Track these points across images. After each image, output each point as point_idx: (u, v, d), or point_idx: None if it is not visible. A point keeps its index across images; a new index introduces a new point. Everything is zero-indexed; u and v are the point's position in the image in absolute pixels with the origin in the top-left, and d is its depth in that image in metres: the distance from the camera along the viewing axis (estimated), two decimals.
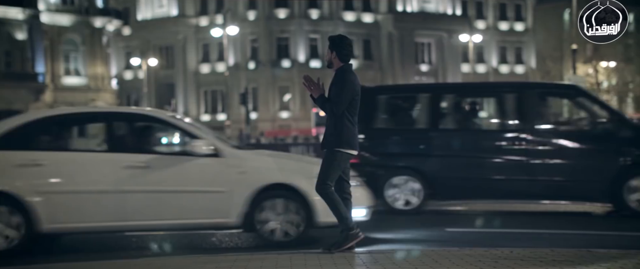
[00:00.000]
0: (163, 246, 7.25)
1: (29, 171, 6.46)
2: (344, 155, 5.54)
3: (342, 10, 60.47)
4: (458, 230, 8.12)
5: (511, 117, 9.56)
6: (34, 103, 47.08)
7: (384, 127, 10.02)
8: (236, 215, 6.54)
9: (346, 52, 5.63)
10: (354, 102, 5.54)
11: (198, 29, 60.52)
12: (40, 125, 7.03)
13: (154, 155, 6.82)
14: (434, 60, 64.92)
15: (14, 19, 45.50)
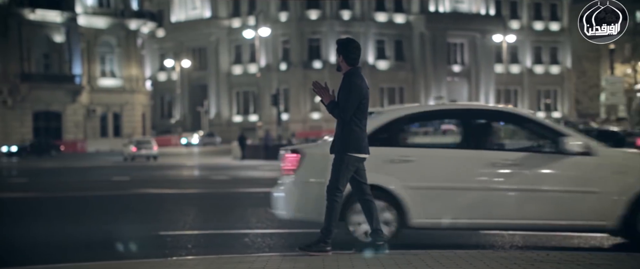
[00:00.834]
0: (196, 246, 7.33)
1: (399, 167, 6.44)
2: (352, 159, 5.53)
3: (374, 11, 60.29)
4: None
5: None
6: (70, 104, 48.12)
7: None
8: (614, 218, 6.19)
9: (354, 56, 5.59)
10: (362, 106, 5.53)
11: (230, 31, 61.03)
12: (406, 121, 7.03)
13: (521, 152, 6.57)
14: (467, 61, 64.24)
15: (52, 22, 46.55)
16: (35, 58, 46.68)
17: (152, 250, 6.86)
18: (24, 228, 8.58)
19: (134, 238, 7.72)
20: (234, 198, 12.88)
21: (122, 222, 9.33)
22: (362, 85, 5.54)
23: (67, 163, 31.01)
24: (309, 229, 8.12)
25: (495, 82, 63.99)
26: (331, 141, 5.72)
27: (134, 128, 51.66)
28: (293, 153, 6.70)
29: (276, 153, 32.34)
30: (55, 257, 6.52)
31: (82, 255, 6.73)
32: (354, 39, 5.77)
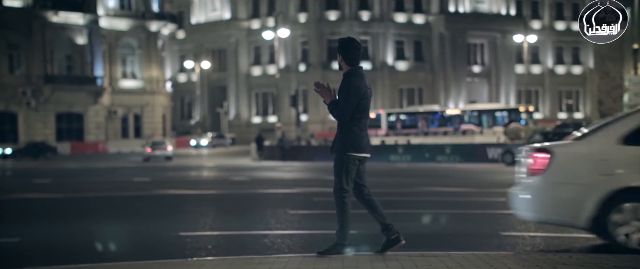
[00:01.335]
0: (216, 247, 7.36)
1: None
2: (352, 158, 5.53)
3: (393, 12, 60.12)
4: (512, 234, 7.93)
5: None
6: (92, 106, 48.68)
7: None
8: None
9: (353, 56, 5.56)
10: (361, 106, 5.51)
11: (250, 32, 61.27)
12: None
13: None
14: (487, 61, 63.75)
15: (75, 24, 47.13)
16: (58, 60, 47.29)
17: (172, 251, 6.91)
18: (47, 228, 8.70)
19: (155, 239, 7.78)
20: (253, 199, 12.92)
21: (143, 222, 9.41)
22: (361, 85, 5.52)
23: (89, 164, 31.37)
24: (328, 231, 8.14)
25: (515, 82, 63.42)
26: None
27: (154, 129, 52.10)
28: (541, 152, 6.28)
29: (292, 154, 32.50)
30: (78, 256, 6.60)
31: (104, 255, 6.80)
32: (354, 38, 5.72)
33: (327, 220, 9.46)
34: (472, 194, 13.32)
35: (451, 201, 11.91)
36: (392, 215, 9.93)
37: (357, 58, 5.59)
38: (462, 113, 52.34)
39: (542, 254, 5.65)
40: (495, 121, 50.68)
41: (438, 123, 51.28)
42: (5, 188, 16.13)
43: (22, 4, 45.09)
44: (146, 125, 52.08)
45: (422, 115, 51.35)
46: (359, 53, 5.60)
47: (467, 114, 51.94)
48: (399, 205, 11.29)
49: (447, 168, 24.57)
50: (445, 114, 52.04)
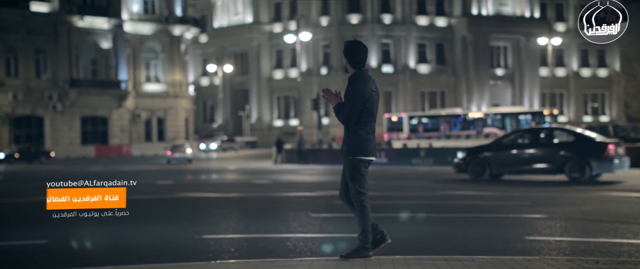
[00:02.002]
0: (239, 250, 7.39)
1: None
2: (361, 162, 5.55)
3: (415, 15, 59.90)
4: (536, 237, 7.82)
5: None
6: (116, 109, 49.27)
7: None
8: None
9: (359, 59, 5.59)
10: (366, 110, 5.53)
11: (272, 36, 61.52)
12: None
13: None
14: (511, 64, 63.17)
15: (100, 28, 47.78)
16: (83, 64, 47.96)
17: (195, 253, 6.95)
18: (74, 230, 8.81)
19: (178, 241, 7.84)
20: (275, 202, 12.95)
21: (166, 225, 9.48)
22: (365, 88, 5.54)
23: (113, 167, 31.75)
24: (350, 234, 8.12)
25: (539, 85, 62.73)
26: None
27: (177, 132, 52.54)
28: None
29: (313, 157, 32.49)
30: (103, 259, 6.67)
31: (128, 257, 6.87)
32: (361, 41, 5.73)
33: (349, 223, 9.43)
34: (495, 198, 13.18)
35: (474, 205, 11.80)
36: (414, 218, 9.88)
37: (363, 61, 5.62)
38: (485, 116, 51.90)
39: (568, 259, 5.57)
40: (518, 124, 50.17)
41: (460, 127, 50.91)
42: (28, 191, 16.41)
43: (48, 9, 45.85)
44: (169, 129, 52.55)
45: (444, 118, 51.05)
46: (365, 56, 5.64)
47: (490, 117, 51.48)
48: (421, 209, 11.22)
49: None
50: (468, 117, 51.65)
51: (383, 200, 12.92)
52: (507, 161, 17.57)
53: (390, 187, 16.13)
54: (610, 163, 16.65)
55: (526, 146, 17.59)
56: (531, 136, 17.99)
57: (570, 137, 17.40)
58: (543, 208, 11.03)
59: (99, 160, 42.85)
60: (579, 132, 17.83)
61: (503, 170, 17.72)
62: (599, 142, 17.05)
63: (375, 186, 16.68)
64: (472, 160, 17.96)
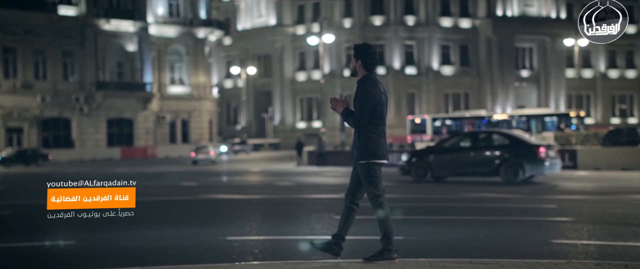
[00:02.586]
0: (263, 252, 7.42)
1: None
2: (375, 165, 5.56)
3: (439, 16, 59.57)
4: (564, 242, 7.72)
5: None
6: (142, 111, 49.82)
7: None
8: None
9: (372, 61, 5.63)
10: (377, 113, 5.54)
11: (295, 38, 61.68)
12: None
13: None
14: (536, 66, 62.44)
15: (125, 31, 48.38)
16: (109, 67, 48.59)
17: (220, 255, 6.99)
18: (100, 232, 8.93)
19: (203, 243, 7.89)
20: (298, 204, 12.97)
21: (191, 227, 9.56)
22: (375, 91, 5.56)
23: (139, 169, 32.10)
24: (372, 237, 8.09)
25: (566, 87, 61.87)
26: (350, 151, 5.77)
27: (201, 134, 52.94)
28: None
29: (330, 159, 32.44)
30: (129, 260, 6.75)
31: (153, 259, 6.94)
32: (371, 44, 5.78)
33: (372, 225, 9.41)
34: (520, 200, 13.03)
35: (499, 207, 11.68)
36: (439, 221, 9.82)
37: (374, 63, 5.67)
38: (510, 118, 51.38)
39: (596, 263, 5.48)
40: (544, 126, 49.58)
41: (485, 129, 50.47)
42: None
43: (76, 12, 46.57)
44: (193, 131, 52.97)
45: (468, 120, 50.65)
46: (377, 58, 5.69)
47: (515, 119, 50.97)
48: (445, 211, 11.14)
49: None
50: (492, 119, 51.18)
51: (406, 202, 12.85)
52: (448, 163, 18.25)
53: (412, 189, 16.05)
54: (541, 165, 17.34)
55: (466, 149, 18.30)
56: (471, 140, 18.73)
57: (506, 140, 18.10)
58: (569, 210, 10.88)
59: (124, 161, 43.37)
60: (513, 136, 18.55)
61: (444, 172, 18.38)
62: (531, 145, 17.81)
63: (398, 188, 16.60)
64: (415, 163, 18.59)
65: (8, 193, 16.85)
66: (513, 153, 17.48)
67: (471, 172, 18.04)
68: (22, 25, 44.14)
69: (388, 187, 16.68)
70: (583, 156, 24.70)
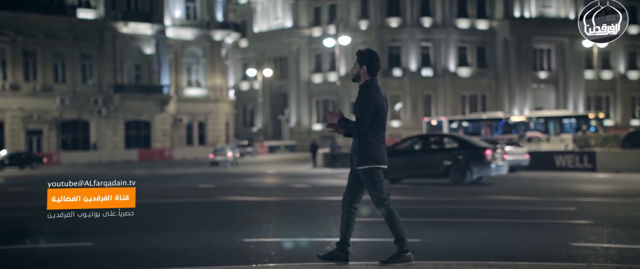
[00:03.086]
0: (280, 254, 7.43)
1: None
2: (378, 170, 5.60)
3: (456, 18, 59.30)
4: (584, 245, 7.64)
5: None
6: (159, 114, 50.19)
7: None
8: None
9: (376, 66, 5.67)
10: (378, 118, 5.58)
11: (311, 40, 61.76)
12: None
13: None
14: (554, 67, 61.89)
15: (143, 34, 48.78)
16: (127, 69, 49.01)
17: (236, 257, 7.02)
18: (118, 233, 9.00)
19: (219, 245, 7.92)
20: (314, 206, 12.97)
21: (208, 228, 9.60)
22: (377, 96, 5.59)
23: (156, 171, 32.33)
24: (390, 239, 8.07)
25: (584, 88, 61.24)
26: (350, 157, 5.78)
27: (217, 136, 53.18)
28: None
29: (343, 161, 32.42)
30: (148, 261, 6.80)
31: (172, 260, 6.98)
32: (374, 51, 5.82)
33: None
34: (538, 203, 12.92)
35: (516, 210, 11.59)
36: (456, 223, 9.77)
37: (378, 69, 5.71)
38: (528, 120, 51.00)
39: (617, 266, 5.41)
40: (562, 128, 49.12)
41: (502, 131, 50.14)
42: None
43: (94, 15, 47.05)
44: (210, 133, 53.23)
45: (485, 122, 50.35)
46: (380, 64, 5.72)
47: (532, 121, 50.57)
48: (463, 213, 11.08)
49: (512, 176, 23.94)
50: (510, 121, 50.83)
51: (423, 204, 12.80)
52: (401, 166, 18.69)
53: (429, 191, 15.99)
54: (487, 168, 18.02)
55: (417, 152, 18.94)
56: (423, 143, 19.36)
57: (455, 143, 18.86)
58: (589, 213, 10.76)
59: (141, 163, 43.69)
60: (462, 138, 19.30)
61: (398, 175, 18.83)
62: (478, 148, 18.33)
63: (413, 190, 16.54)
64: None
65: (26, 195, 17.06)
66: (462, 156, 18.15)
67: (422, 174, 18.61)
68: (42, 29, 44.69)
69: (399, 189, 16.64)
70: (602, 158, 24.44)
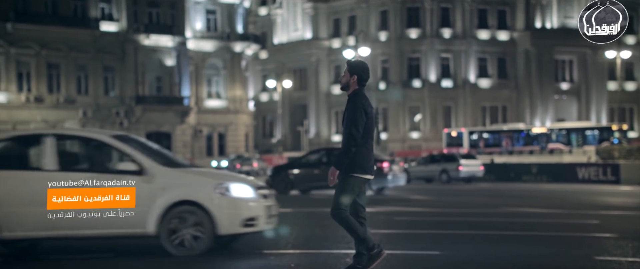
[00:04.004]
0: (300, 265, 7.40)
1: None
2: (358, 180, 5.55)
3: (476, 29, 59.05)
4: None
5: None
6: (179, 125, 50.58)
7: None
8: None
9: (366, 77, 5.78)
10: (367, 126, 5.62)
11: (330, 51, 61.92)
12: None
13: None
14: (576, 78, 61.24)
15: (164, 46, 49.32)
16: (148, 81, 49.53)
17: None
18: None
19: (235, 257, 7.91)
20: None
21: None
22: (366, 104, 5.68)
23: None
24: (409, 251, 8.03)
25: (607, 99, 60.48)
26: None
27: (237, 147, 53.39)
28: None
29: None
30: None
31: None
32: (364, 61, 6.05)
33: (408, 239, 9.31)
34: (561, 215, 12.74)
35: (538, 223, 11.44)
36: (476, 235, 9.66)
37: (367, 80, 5.83)
38: (549, 131, 50.47)
39: None
40: (585, 140, 48.52)
41: (523, 142, 49.68)
42: None
43: (117, 28, 47.71)
44: (230, 144, 53.47)
45: (506, 133, 49.94)
46: (369, 76, 5.88)
47: (554, 132, 50.03)
48: (483, 226, 10.96)
49: (534, 188, 23.67)
50: (531, 132, 50.35)
51: (444, 216, 12.69)
52: (304, 178, 19.36)
53: (451, 204, 15.85)
54: (385, 179, 18.75)
55: (319, 164, 19.42)
56: (329, 156, 19.80)
57: None
58: (613, 227, 10.59)
59: None
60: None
61: (303, 186, 19.45)
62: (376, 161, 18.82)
63: (433, 202, 16.42)
64: (277, 177, 19.74)
65: None
66: None
67: (322, 186, 18.82)
68: (66, 42, 45.40)
69: (417, 201, 16.44)
70: (626, 170, 24.09)
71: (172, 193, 7.35)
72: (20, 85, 44.56)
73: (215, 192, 7.43)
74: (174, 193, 7.35)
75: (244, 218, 7.54)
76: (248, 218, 7.56)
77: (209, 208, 7.36)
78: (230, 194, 7.49)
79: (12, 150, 7.93)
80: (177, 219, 7.36)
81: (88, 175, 7.15)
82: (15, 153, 7.87)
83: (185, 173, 7.85)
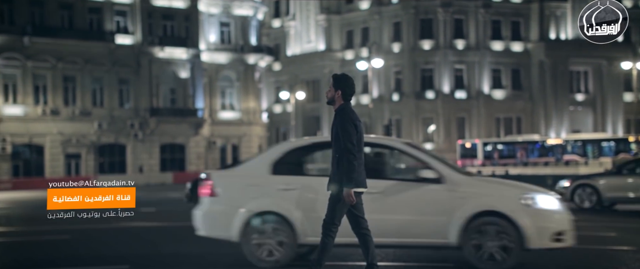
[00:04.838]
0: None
1: None
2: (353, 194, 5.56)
3: (490, 40, 58.93)
4: None
5: None
6: (193, 137, 50.81)
7: None
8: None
9: (350, 91, 5.89)
10: (356, 139, 5.66)
11: (344, 63, 62.04)
12: None
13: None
14: (592, 89, 60.80)
15: (179, 59, 49.70)
16: (162, 93, 49.88)
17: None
18: (154, 252, 9.03)
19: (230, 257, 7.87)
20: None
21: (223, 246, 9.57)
22: (354, 118, 5.76)
23: None
24: (421, 263, 7.95)
25: (624, 111, 59.95)
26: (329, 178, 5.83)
27: None
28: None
29: None
30: None
31: None
32: (349, 75, 6.09)
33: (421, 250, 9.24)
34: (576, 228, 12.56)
35: None
36: None
37: (352, 94, 5.93)
38: (565, 142, 50.10)
39: None
40: (601, 151, 48.08)
41: (538, 154, 49.32)
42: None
43: (132, 41, 48.18)
44: (243, 155, 53.57)
45: (521, 144, 49.63)
46: (354, 88, 5.98)
47: (570, 144, 49.64)
48: None
49: None
50: (546, 144, 49.99)
51: None
52: None
53: None
54: None
55: None
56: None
57: None
58: (631, 239, 10.44)
59: (176, 186, 44.14)
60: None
61: None
62: None
63: None
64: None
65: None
66: None
67: None
68: (81, 55, 45.91)
69: None
70: None
71: (473, 202, 6.94)
72: (36, 98, 45.05)
73: (521, 203, 6.96)
74: (475, 203, 6.93)
75: (554, 232, 7.09)
76: (557, 232, 7.12)
77: (515, 220, 6.87)
78: (537, 205, 7.03)
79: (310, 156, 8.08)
80: (480, 230, 6.94)
81: (394, 184, 7.07)
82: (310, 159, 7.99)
83: (485, 182, 7.41)
